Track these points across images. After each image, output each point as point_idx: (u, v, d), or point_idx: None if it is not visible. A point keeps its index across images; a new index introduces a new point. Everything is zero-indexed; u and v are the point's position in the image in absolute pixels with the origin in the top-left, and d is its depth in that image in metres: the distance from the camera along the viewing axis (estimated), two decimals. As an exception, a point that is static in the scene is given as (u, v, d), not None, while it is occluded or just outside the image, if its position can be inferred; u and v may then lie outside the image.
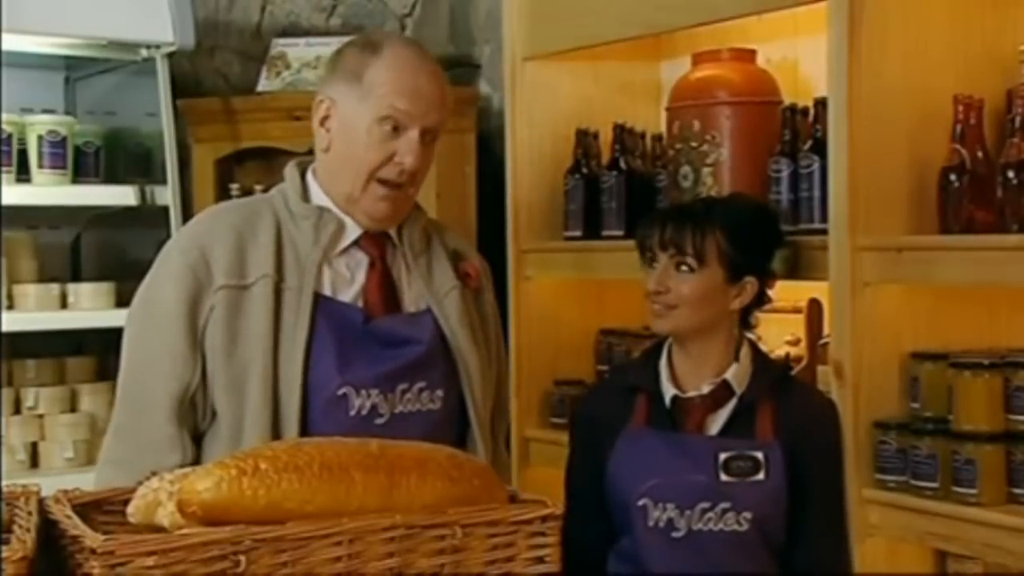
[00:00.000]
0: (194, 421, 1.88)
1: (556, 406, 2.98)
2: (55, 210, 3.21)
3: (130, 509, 1.52)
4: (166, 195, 3.13)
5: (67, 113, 3.31)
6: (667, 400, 1.93)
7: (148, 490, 1.51)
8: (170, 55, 3.16)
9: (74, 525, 1.39)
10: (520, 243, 3.02)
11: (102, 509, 1.58)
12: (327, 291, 1.89)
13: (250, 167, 3.50)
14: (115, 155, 3.28)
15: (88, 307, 3.12)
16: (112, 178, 3.23)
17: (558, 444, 2.57)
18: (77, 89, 3.42)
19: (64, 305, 3.13)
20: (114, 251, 3.42)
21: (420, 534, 1.43)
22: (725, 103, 2.55)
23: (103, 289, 3.15)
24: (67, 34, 3.11)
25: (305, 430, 1.84)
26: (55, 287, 3.14)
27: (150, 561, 1.31)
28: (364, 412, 1.85)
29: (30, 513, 1.45)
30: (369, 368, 1.86)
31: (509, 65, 3.04)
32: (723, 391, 1.91)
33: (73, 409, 3.17)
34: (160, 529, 1.45)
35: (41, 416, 3.11)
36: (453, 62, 3.71)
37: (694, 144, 2.57)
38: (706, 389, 1.91)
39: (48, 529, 1.46)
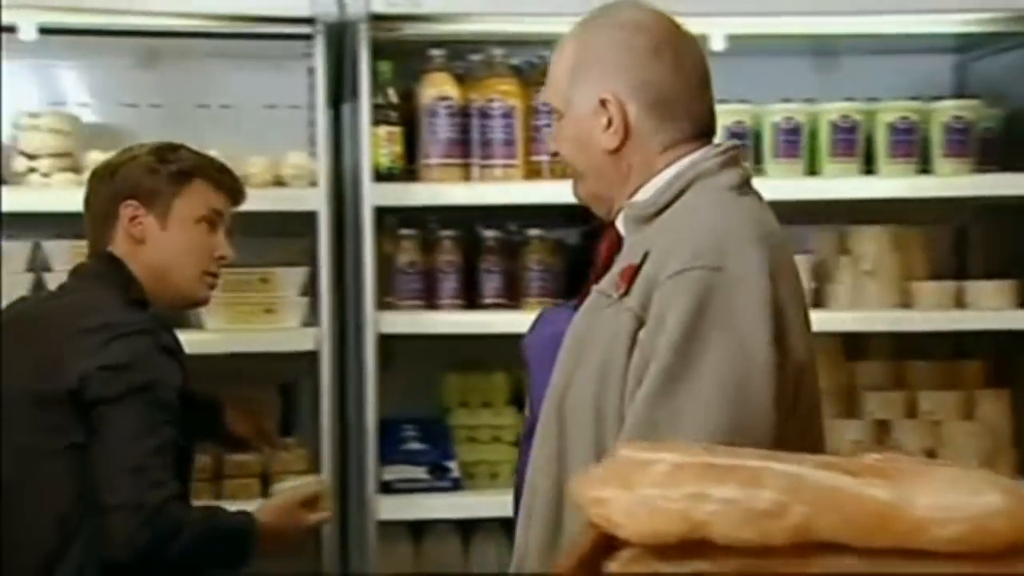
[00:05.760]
0: None
1: None
2: (945, 202, 2.98)
3: None
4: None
5: (957, 96, 3.07)
6: None
7: None
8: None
9: None
10: None
11: None
12: None
13: None
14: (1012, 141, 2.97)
15: (984, 307, 2.88)
16: (1009, 166, 2.92)
17: None
18: (968, 70, 3.17)
19: (958, 304, 2.91)
20: (1007, 245, 3.13)
21: None
22: None
23: (1001, 287, 2.90)
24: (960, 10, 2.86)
25: None
26: (949, 285, 2.94)
27: None
28: None
29: None
30: None
31: None
32: None
33: (968, 416, 2.94)
34: None
35: (937, 423, 2.94)
36: None
37: None
38: None
39: None
